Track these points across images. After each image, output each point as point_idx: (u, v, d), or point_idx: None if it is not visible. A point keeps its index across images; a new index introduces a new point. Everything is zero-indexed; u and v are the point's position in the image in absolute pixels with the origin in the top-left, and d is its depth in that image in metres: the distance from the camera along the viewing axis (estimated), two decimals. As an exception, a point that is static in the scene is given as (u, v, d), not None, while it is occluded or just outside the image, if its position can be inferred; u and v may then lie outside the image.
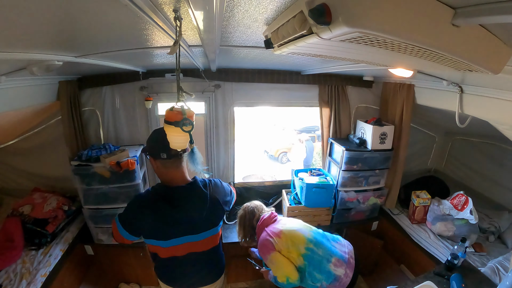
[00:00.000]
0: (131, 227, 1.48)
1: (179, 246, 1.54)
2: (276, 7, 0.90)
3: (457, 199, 2.61)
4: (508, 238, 2.60)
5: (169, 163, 1.49)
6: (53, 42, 1.21)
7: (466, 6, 0.69)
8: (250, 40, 1.42)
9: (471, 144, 3.39)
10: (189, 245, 1.56)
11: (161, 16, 0.90)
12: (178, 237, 1.52)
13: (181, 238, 1.53)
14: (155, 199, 1.47)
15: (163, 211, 1.45)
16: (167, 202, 1.46)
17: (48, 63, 1.51)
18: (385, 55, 0.98)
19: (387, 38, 0.69)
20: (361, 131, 3.03)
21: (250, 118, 10.39)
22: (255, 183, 3.48)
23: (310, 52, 1.04)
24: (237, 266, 3.04)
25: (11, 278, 2.01)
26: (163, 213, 1.45)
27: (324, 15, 0.64)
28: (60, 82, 2.37)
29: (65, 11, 0.82)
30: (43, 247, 2.33)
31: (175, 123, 1.16)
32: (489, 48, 0.88)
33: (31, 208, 2.48)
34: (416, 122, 3.37)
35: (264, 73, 2.85)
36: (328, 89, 3.06)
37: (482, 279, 1.99)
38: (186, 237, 1.54)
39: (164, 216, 1.46)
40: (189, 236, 1.54)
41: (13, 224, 2.30)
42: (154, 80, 2.78)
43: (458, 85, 2.03)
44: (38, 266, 2.15)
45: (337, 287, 1.87)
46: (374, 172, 3.01)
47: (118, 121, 2.85)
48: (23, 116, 2.31)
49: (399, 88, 2.77)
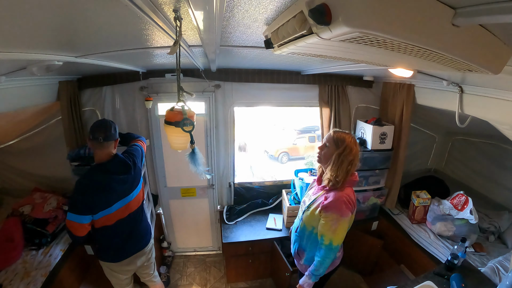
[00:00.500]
0: (85, 210, 1.76)
1: (121, 209, 1.94)
2: (276, 7, 0.90)
3: (457, 199, 2.61)
4: (508, 238, 2.60)
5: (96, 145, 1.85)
6: (53, 42, 1.21)
7: (466, 6, 0.69)
8: (250, 40, 1.42)
9: (471, 144, 3.39)
10: (128, 206, 1.99)
11: (161, 16, 0.90)
12: (119, 200, 1.92)
13: (121, 200, 1.93)
14: (92, 178, 1.82)
15: (101, 183, 1.81)
16: (103, 174, 1.84)
17: (48, 63, 1.51)
18: (385, 55, 0.98)
19: (387, 38, 0.69)
20: (361, 131, 3.03)
21: (250, 118, 10.38)
22: (255, 183, 3.48)
23: (310, 52, 1.04)
24: (237, 266, 3.05)
25: (11, 278, 2.01)
26: (102, 185, 1.81)
27: (324, 15, 0.64)
28: (60, 82, 2.37)
29: (65, 11, 0.82)
30: (43, 247, 2.33)
31: (175, 123, 1.16)
32: (489, 48, 0.88)
33: (31, 208, 2.48)
34: (416, 122, 3.37)
35: (264, 73, 2.85)
36: (328, 89, 3.05)
37: (482, 279, 1.99)
38: (124, 199, 1.95)
39: (103, 187, 1.82)
40: (126, 198, 1.96)
41: (13, 224, 2.30)
42: (154, 80, 2.78)
43: (458, 85, 2.03)
44: (38, 266, 2.15)
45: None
46: (374, 172, 3.01)
47: (118, 121, 2.84)
48: (23, 116, 2.31)
49: (399, 88, 2.77)
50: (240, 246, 2.89)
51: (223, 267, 3.43)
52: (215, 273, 3.40)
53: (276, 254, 2.79)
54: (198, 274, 3.38)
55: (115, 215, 1.91)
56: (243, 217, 3.21)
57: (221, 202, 3.42)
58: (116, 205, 1.90)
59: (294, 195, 3.07)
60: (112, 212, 1.89)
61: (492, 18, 0.66)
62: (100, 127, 1.86)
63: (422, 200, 2.84)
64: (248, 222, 3.13)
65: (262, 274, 3.19)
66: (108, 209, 1.86)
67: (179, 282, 3.26)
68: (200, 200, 3.41)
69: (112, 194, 1.88)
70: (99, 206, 1.82)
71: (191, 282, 3.25)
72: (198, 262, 3.58)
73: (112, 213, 1.89)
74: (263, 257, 3.03)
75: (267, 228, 3.01)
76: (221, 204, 3.41)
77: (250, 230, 3.00)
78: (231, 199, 3.38)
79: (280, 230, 2.98)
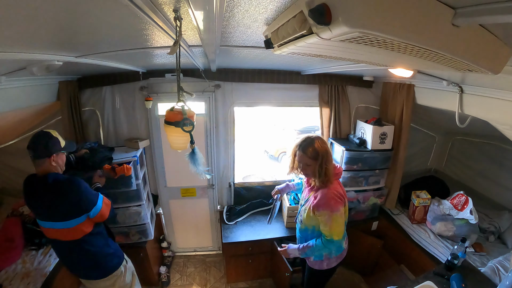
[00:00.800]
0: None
1: (50, 230, 1.78)
2: (276, 7, 0.90)
3: (457, 199, 2.61)
4: (508, 238, 2.60)
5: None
6: (53, 42, 1.21)
7: (466, 6, 0.69)
8: (250, 40, 1.42)
9: (471, 144, 3.39)
10: (58, 231, 1.77)
11: (161, 16, 0.90)
12: (43, 220, 1.77)
13: (46, 222, 1.76)
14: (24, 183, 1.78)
15: (27, 193, 1.75)
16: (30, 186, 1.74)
17: (48, 63, 1.51)
18: (385, 55, 0.98)
19: (387, 38, 0.69)
20: (361, 131, 3.03)
21: (250, 118, 10.39)
22: (255, 183, 3.48)
23: (310, 52, 1.04)
24: (237, 266, 3.05)
25: (11, 278, 2.01)
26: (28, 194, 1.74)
27: (324, 15, 0.64)
28: (60, 82, 2.37)
29: (65, 11, 0.82)
30: (43, 247, 2.33)
31: (175, 123, 1.16)
32: (489, 48, 0.88)
33: (31, 208, 2.48)
34: (416, 122, 3.37)
35: (264, 73, 2.85)
36: (328, 89, 3.05)
37: (482, 279, 1.99)
38: (49, 223, 1.76)
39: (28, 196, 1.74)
40: (52, 223, 1.75)
41: (13, 224, 2.30)
42: (154, 80, 2.78)
43: (458, 85, 2.03)
44: (38, 266, 2.15)
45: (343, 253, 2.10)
46: (374, 172, 3.01)
47: (118, 121, 2.85)
48: (23, 116, 2.31)
49: (399, 88, 2.77)
50: (240, 246, 2.89)
51: (223, 267, 3.43)
52: (215, 273, 3.40)
53: (276, 254, 2.78)
54: (198, 274, 3.38)
55: (47, 231, 1.79)
56: (243, 217, 3.20)
57: (221, 202, 3.42)
58: (42, 222, 1.77)
59: (294, 195, 3.07)
60: (42, 226, 1.79)
61: (492, 18, 0.66)
62: (31, 141, 1.67)
63: (422, 200, 2.84)
64: (248, 222, 3.13)
65: (262, 274, 3.19)
66: (38, 221, 1.79)
67: (179, 282, 3.26)
68: (200, 200, 3.41)
69: (36, 209, 1.77)
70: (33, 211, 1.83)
71: (191, 282, 3.25)
72: (198, 262, 3.58)
73: (42, 227, 1.79)
74: (263, 257, 3.03)
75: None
76: (221, 204, 3.41)
77: (250, 230, 3.00)
78: (231, 199, 3.38)
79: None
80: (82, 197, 1.73)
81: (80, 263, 1.89)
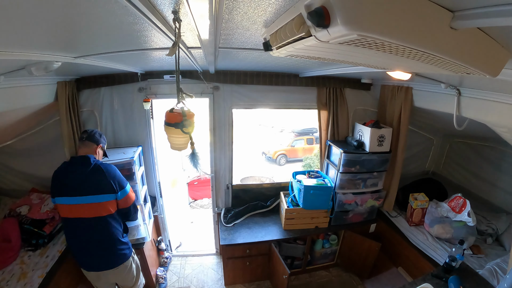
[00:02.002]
0: (51, 193, 2.04)
1: (75, 206, 1.94)
2: (275, 10, 0.90)
3: (455, 201, 2.62)
4: (506, 240, 2.60)
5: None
6: (52, 42, 1.20)
7: (464, 9, 0.69)
8: (249, 42, 1.42)
9: (469, 146, 3.40)
10: (83, 207, 1.93)
11: (160, 18, 0.90)
12: (70, 196, 1.94)
13: (74, 198, 1.93)
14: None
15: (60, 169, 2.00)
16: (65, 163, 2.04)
17: (47, 64, 1.51)
18: (383, 58, 0.98)
19: (386, 41, 0.69)
20: (359, 133, 3.04)
21: (248, 120, 10.40)
22: (253, 185, 3.48)
23: (308, 54, 1.04)
24: (235, 268, 3.04)
25: (7, 279, 1.99)
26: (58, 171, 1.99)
27: (323, 17, 0.64)
28: (58, 83, 2.36)
29: (64, 11, 0.82)
30: (40, 248, 2.32)
31: (175, 124, 1.16)
32: (487, 51, 0.89)
33: (28, 208, 2.47)
34: (414, 125, 3.38)
35: (262, 75, 2.86)
36: (326, 92, 3.06)
37: (480, 281, 1.99)
38: (77, 198, 1.93)
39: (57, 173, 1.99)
40: (79, 197, 1.93)
41: (10, 224, 2.29)
42: (153, 82, 2.78)
43: (456, 88, 2.04)
44: (35, 267, 2.13)
45: None
46: (372, 174, 3.01)
47: (116, 122, 2.84)
48: (21, 116, 2.30)
49: (397, 90, 2.77)
50: (238, 248, 2.89)
51: (220, 269, 3.42)
52: (213, 275, 3.38)
53: (274, 257, 2.78)
54: (196, 276, 3.36)
55: (70, 209, 1.93)
56: (241, 219, 3.20)
57: (219, 204, 3.41)
58: (68, 199, 1.92)
59: (292, 197, 3.07)
60: (66, 204, 1.93)
61: (490, 21, 0.66)
62: (90, 129, 2.12)
63: (420, 202, 2.85)
64: (246, 224, 3.13)
65: (260, 277, 3.18)
66: (62, 198, 1.92)
67: (176, 284, 3.24)
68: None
69: (67, 186, 1.93)
70: (55, 192, 1.97)
71: (188, 285, 3.24)
72: (195, 264, 3.57)
73: (66, 204, 1.93)
74: (261, 259, 3.02)
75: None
76: (219, 206, 3.40)
77: (248, 232, 2.99)
78: (229, 201, 3.38)
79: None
80: (116, 177, 2.02)
81: (98, 246, 2.02)
